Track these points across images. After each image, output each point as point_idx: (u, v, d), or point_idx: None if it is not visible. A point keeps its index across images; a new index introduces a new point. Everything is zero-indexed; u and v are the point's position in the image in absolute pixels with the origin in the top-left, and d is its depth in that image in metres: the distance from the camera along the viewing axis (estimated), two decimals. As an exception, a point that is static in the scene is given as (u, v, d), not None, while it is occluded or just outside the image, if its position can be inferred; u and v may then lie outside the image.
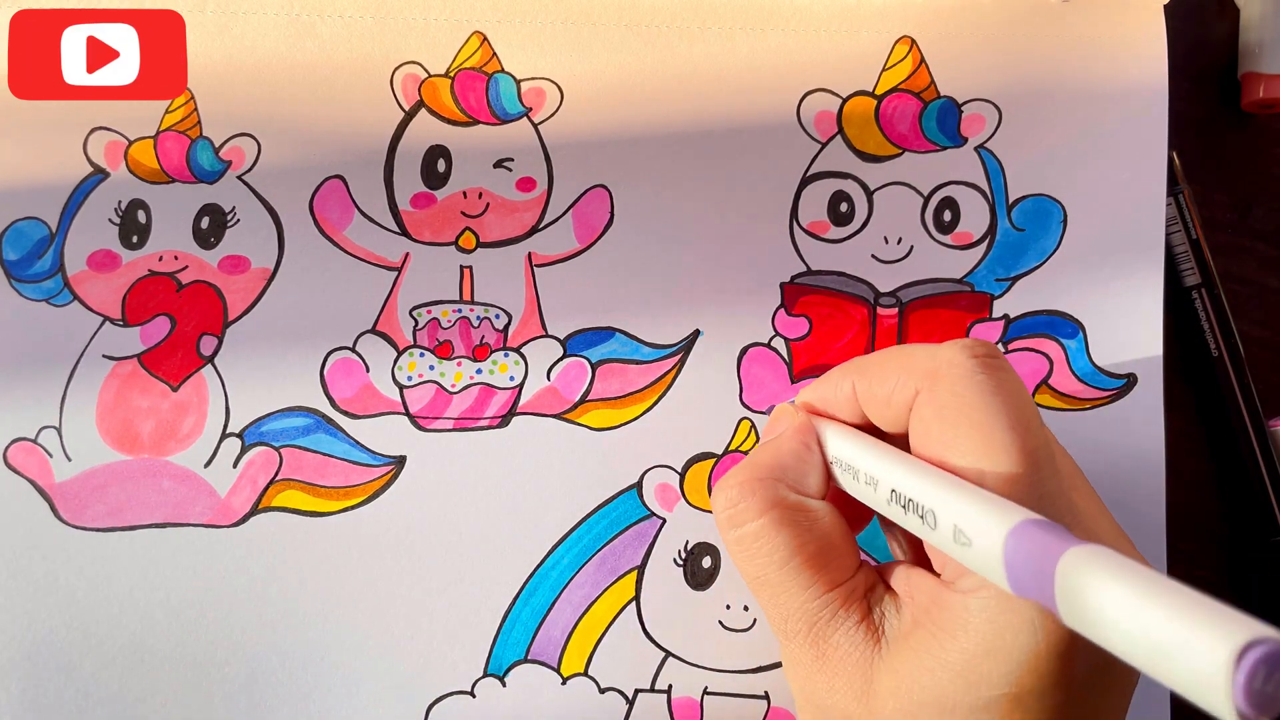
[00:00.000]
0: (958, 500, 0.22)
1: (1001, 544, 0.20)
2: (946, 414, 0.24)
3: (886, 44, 0.35)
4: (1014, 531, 0.20)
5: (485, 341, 0.34)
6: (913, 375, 0.26)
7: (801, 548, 0.26)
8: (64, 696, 0.32)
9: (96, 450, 0.33)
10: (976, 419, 0.24)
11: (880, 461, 0.25)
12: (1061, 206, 0.34)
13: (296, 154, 0.34)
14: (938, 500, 0.23)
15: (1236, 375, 0.35)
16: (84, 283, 0.34)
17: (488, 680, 0.32)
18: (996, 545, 0.21)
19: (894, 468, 0.25)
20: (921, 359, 0.26)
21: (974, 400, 0.24)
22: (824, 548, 0.26)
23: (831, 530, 0.27)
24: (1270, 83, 0.36)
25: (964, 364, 0.25)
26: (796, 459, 0.28)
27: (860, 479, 0.26)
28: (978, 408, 0.24)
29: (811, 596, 0.26)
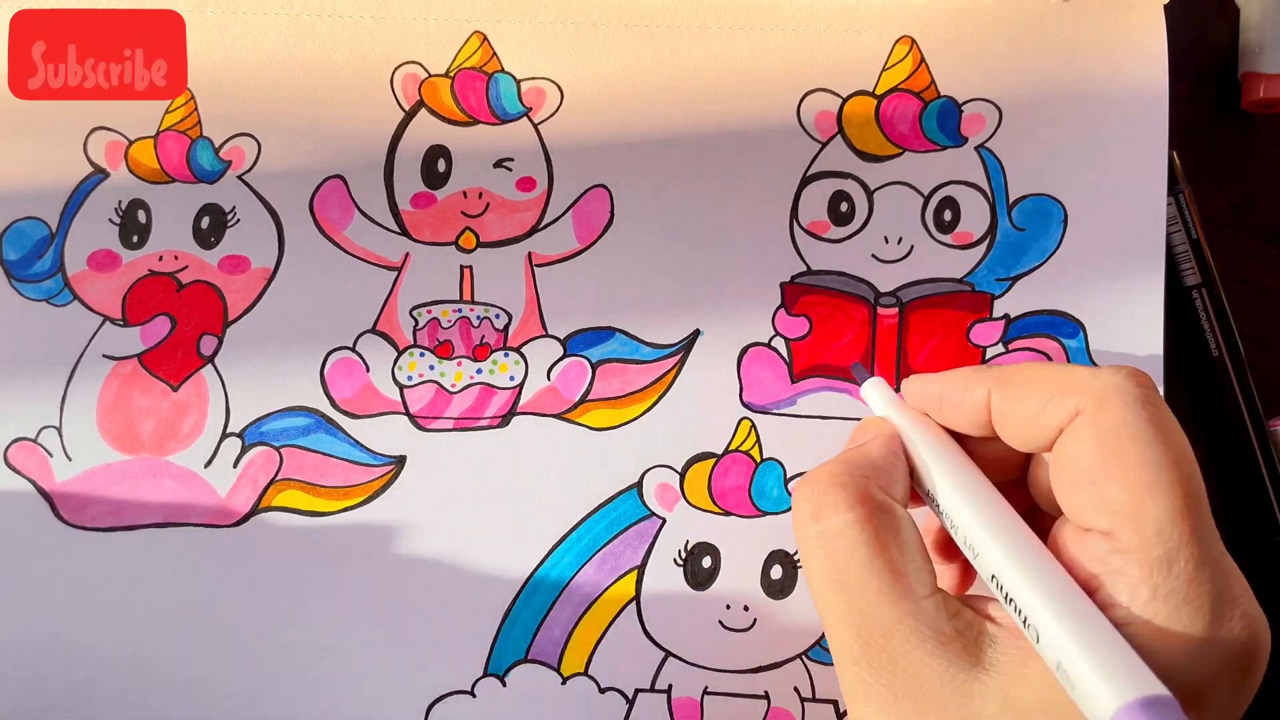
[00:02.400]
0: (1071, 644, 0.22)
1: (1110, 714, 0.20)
2: (1112, 440, 0.24)
3: (886, 44, 0.35)
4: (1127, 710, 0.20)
5: (485, 341, 0.34)
6: (1073, 394, 0.25)
7: (886, 549, 0.25)
8: (64, 697, 0.32)
9: (97, 450, 0.33)
10: (1144, 451, 0.23)
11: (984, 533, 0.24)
12: (1062, 206, 0.34)
13: (296, 154, 0.34)
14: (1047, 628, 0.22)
15: (1236, 375, 0.35)
16: (84, 282, 0.34)
17: (488, 680, 0.32)
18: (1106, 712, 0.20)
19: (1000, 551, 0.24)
20: (1085, 379, 0.25)
21: (1144, 431, 0.24)
22: (908, 556, 0.25)
23: (914, 541, 0.26)
24: (1270, 83, 0.36)
25: (1133, 392, 0.24)
26: (886, 461, 0.27)
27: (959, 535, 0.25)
28: (1147, 440, 0.23)
29: (893, 602, 0.24)
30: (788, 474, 0.33)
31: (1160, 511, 0.23)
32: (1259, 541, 0.34)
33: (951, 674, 0.24)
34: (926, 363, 0.34)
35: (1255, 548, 0.35)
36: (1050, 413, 0.25)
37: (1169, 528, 0.23)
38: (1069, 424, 0.25)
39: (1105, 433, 0.24)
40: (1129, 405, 0.24)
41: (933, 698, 0.24)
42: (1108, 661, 0.21)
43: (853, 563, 0.25)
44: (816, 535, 0.26)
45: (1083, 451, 0.24)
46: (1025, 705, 0.23)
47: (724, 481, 0.33)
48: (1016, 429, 0.26)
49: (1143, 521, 0.23)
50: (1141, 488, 0.23)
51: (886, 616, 0.24)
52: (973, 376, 0.27)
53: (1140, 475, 0.23)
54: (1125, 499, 0.23)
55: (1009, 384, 0.26)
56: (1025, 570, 0.24)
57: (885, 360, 0.34)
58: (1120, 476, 0.23)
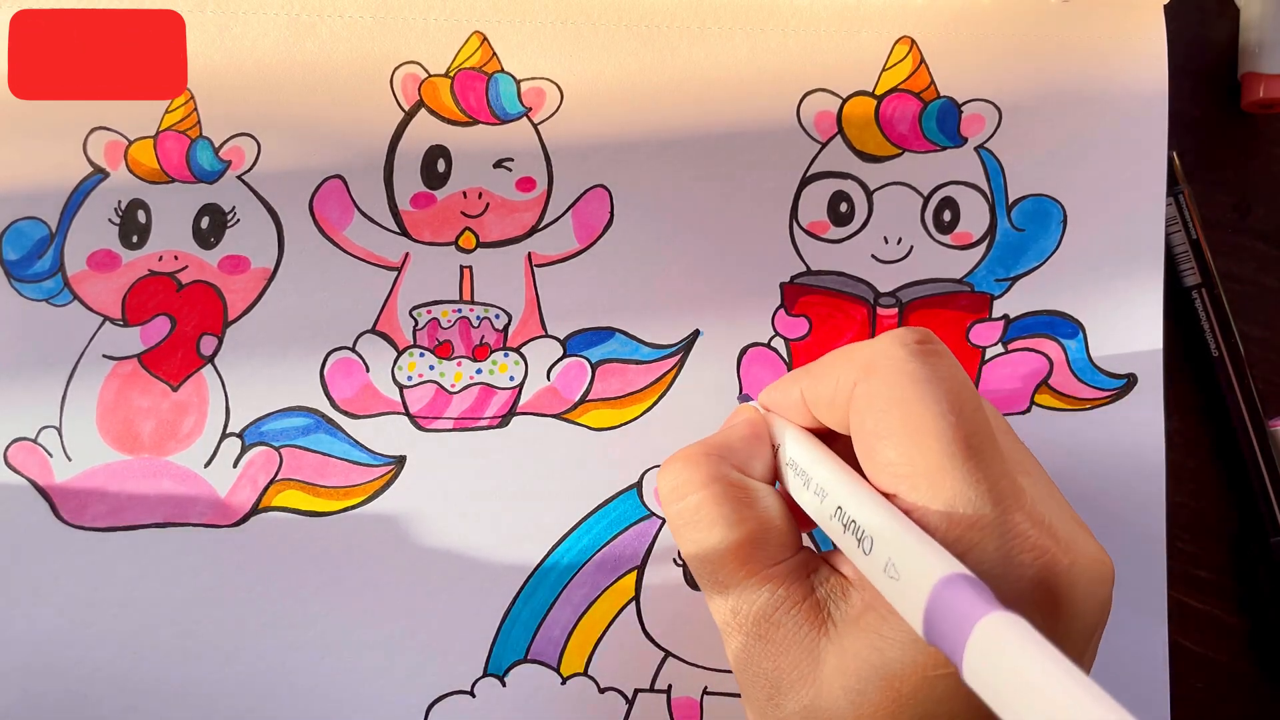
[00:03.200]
0: (898, 535, 0.22)
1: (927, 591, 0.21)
2: (878, 404, 0.24)
3: (886, 44, 0.35)
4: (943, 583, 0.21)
5: (485, 341, 0.34)
6: (849, 371, 0.26)
7: (741, 522, 0.26)
8: (63, 696, 0.32)
9: (96, 450, 0.33)
10: (909, 408, 0.24)
11: (834, 476, 0.25)
12: (1061, 206, 0.34)
13: (296, 154, 0.34)
14: (879, 530, 0.23)
15: (1236, 375, 0.35)
16: (84, 282, 0.34)
17: (488, 680, 0.32)
18: (922, 591, 0.21)
19: (845, 486, 0.25)
20: (858, 354, 0.26)
21: (906, 389, 0.24)
22: (765, 526, 0.26)
23: (773, 511, 0.27)
24: (1270, 83, 0.36)
25: (896, 354, 0.25)
26: (744, 443, 0.28)
27: (810, 488, 0.26)
28: (909, 397, 0.24)
29: (751, 571, 0.26)
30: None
31: (930, 463, 0.23)
32: (1259, 541, 0.34)
33: (803, 632, 0.25)
34: (926, 363, 0.34)
35: (1255, 548, 0.35)
36: (840, 393, 0.26)
37: (941, 477, 0.23)
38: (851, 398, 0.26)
39: (872, 399, 0.25)
40: (892, 366, 0.25)
41: (787, 655, 0.25)
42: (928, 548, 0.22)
43: (710, 537, 0.26)
44: (677, 513, 0.27)
45: (861, 419, 0.25)
46: (856, 654, 0.24)
47: (724, 481, 0.33)
48: (827, 417, 0.27)
49: (917, 479, 0.23)
50: (910, 444, 0.23)
51: (745, 584, 0.26)
52: (790, 377, 0.29)
53: (906, 431, 0.24)
54: (898, 458, 0.24)
55: (813, 375, 0.27)
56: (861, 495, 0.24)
57: (885, 360, 0.34)
58: (890, 437, 0.24)
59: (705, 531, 0.26)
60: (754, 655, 0.26)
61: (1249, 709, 0.35)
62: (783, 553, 0.26)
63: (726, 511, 0.26)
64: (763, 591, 0.26)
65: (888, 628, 0.23)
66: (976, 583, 0.20)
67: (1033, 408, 0.34)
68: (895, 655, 0.23)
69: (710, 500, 0.26)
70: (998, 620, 0.19)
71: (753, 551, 0.26)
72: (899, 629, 0.23)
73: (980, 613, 0.19)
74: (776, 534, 0.26)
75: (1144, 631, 0.33)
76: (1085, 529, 0.25)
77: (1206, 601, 0.35)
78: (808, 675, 0.25)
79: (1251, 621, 0.35)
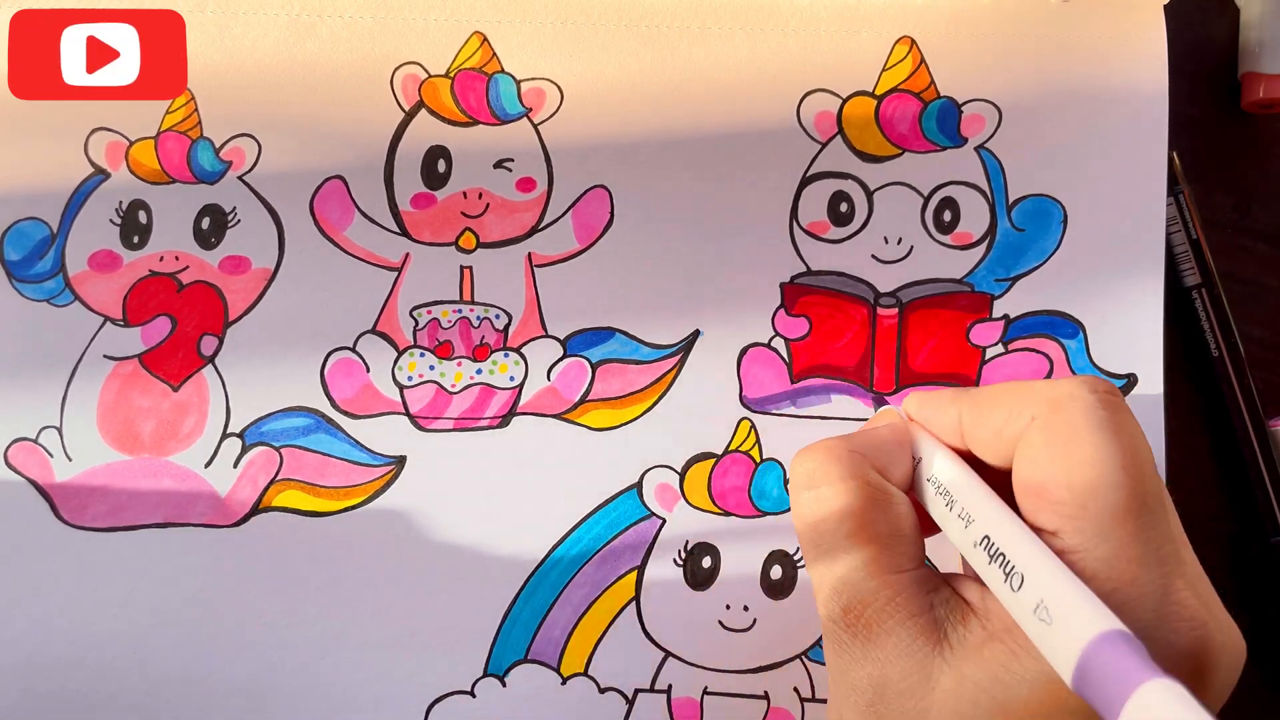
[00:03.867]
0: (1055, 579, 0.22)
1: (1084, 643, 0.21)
2: (1058, 443, 0.24)
3: (886, 44, 0.35)
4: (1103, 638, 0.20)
5: (485, 342, 0.34)
6: (1029, 405, 0.25)
7: (870, 524, 0.26)
8: (64, 696, 0.32)
9: (97, 450, 0.33)
10: (1090, 453, 0.24)
11: (986, 505, 0.25)
12: (1061, 206, 0.34)
13: (297, 154, 0.34)
14: (1034, 570, 0.23)
15: (1236, 375, 0.35)
16: (85, 283, 0.34)
17: (488, 680, 0.32)
18: (1078, 641, 0.21)
19: (998, 517, 0.24)
20: (1041, 389, 0.26)
21: (1090, 435, 0.24)
22: (894, 532, 0.26)
23: (905, 519, 0.26)
24: (1270, 83, 0.36)
25: (1084, 398, 0.25)
26: (887, 448, 0.28)
27: (955, 510, 0.26)
28: (1093, 443, 0.24)
29: (872, 574, 0.26)
30: (788, 474, 0.33)
31: (1103, 511, 0.23)
32: (1259, 541, 0.34)
33: (917, 645, 0.25)
34: (926, 363, 0.34)
35: (1255, 548, 0.35)
36: (1011, 425, 0.26)
37: (1111, 527, 0.23)
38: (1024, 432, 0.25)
39: (1053, 435, 0.24)
40: (1080, 410, 0.24)
41: (896, 665, 0.25)
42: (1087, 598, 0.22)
43: (839, 531, 0.26)
44: (808, 501, 0.27)
45: (1034, 454, 0.25)
46: (976, 683, 0.24)
47: (724, 482, 0.33)
48: (985, 444, 0.27)
49: (1084, 521, 0.23)
50: (1085, 489, 0.23)
51: (864, 585, 0.26)
52: (949, 397, 0.28)
53: (1084, 476, 0.24)
54: (1069, 499, 0.24)
55: (978, 402, 0.27)
56: (1016, 530, 0.24)
57: (885, 360, 0.34)
58: (1064, 478, 0.24)
59: (835, 525, 0.26)
60: (859, 659, 0.25)
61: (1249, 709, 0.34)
62: (908, 563, 0.26)
63: (861, 510, 0.26)
64: (881, 594, 0.25)
65: (1017, 665, 0.23)
66: (1137, 643, 0.20)
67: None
68: (1021, 694, 0.23)
69: (846, 495, 0.26)
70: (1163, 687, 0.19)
71: (879, 555, 0.26)
72: (1029, 669, 0.23)
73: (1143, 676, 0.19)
74: (905, 543, 0.26)
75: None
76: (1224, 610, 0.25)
77: (1207, 601, 0.35)
78: (917, 690, 0.24)
79: (1251, 621, 0.35)
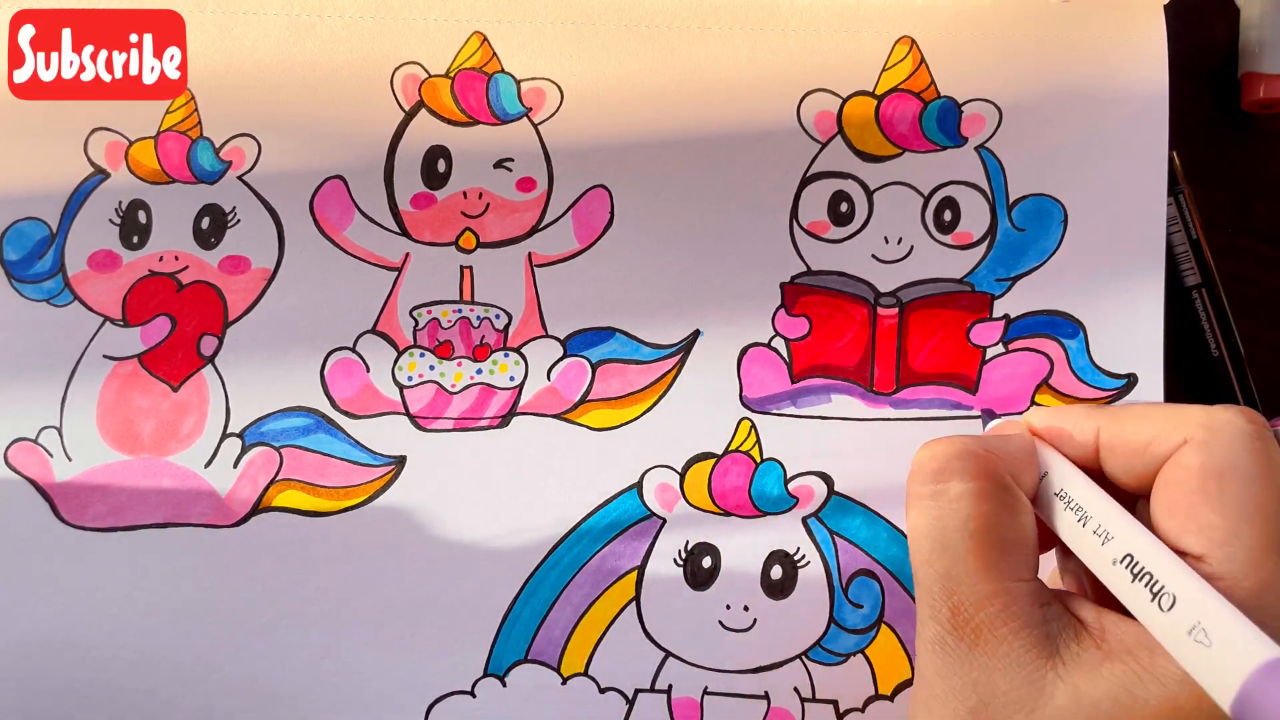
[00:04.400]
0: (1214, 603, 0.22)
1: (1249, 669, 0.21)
2: (1214, 465, 0.24)
3: (886, 44, 0.35)
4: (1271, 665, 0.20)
5: (485, 342, 0.34)
6: (1183, 426, 0.25)
7: (996, 527, 0.26)
8: (63, 696, 0.32)
9: (97, 450, 0.33)
10: (1249, 480, 0.24)
11: (1127, 523, 0.25)
12: (1062, 206, 0.34)
13: (297, 154, 0.34)
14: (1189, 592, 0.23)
15: (1236, 375, 0.35)
16: (85, 283, 0.34)
17: (488, 680, 0.32)
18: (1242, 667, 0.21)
19: (1139, 534, 0.24)
20: (1195, 413, 0.26)
21: (1249, 463, 0.24)
22: (1017, 540, 0.26)
23: (1028, 529, 0.26)
24: (1270, 83, 0.36)
25: (1243, 427, 0.25)
26: (1021, 454, 0.28)
27: (1089, 526, 0.26)
28: (1252, 471, 0.24)
29: (990, 578, 0.25)
30: (788, 474, 0.33)
31: (1255, 541, 0.23)
32: (1259, 541, 0.34)
33: (1030, 657, 0.24)
34: (926, 363, 0.34)
35: (1255, 548, 0.35)
36: (1160, 443, 0.26)
37: (1263, 558, 0.23)
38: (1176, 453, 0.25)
39: (1209, 459, 0.24)
40: (1237, 437, 0.25)
41: (1006, 674, 0.24)
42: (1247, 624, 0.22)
43: (963, 530, 0.26)
44: (933, 494, 0.26)
45: (1185, 476, 0.25)
46: (1094, 701, 0.24)
47: (724, 481, 0.33)
48: (1125, 459, 0.27)
49: (1236, 549, 0.23)
50: (1240, 516, 0.24)
51: (980, 589, 0.25)
52: (1084, 412, 0.28)
53: (1240, 504, 0.24)
54: (1222, 525, 0.24)
55: (1120, 419, 0.27)
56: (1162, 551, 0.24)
57: (885, 360, 0.34)
58: (1219, 503, 0.24)
59: (960, 523, 0.26)
60: (964, 663, 0.25)
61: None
62: (1025, 573, 0.26)
63: (989, 511, 0.26)
64: (996, 602, 0.25)
65: (1140, 687, 0.23)
66: None
67: (1033, 408, 0.34)
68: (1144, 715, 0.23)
69: (975, 495, 0.26)
70: None
71: (999, 560, 0.25)
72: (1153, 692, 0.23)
73: None
74: (1026, 552, 0.26)
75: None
76: None
77: (1207, 601, 0.35)
78: (1027, 701, 0.24)
79: (1252, 621, 0.35)
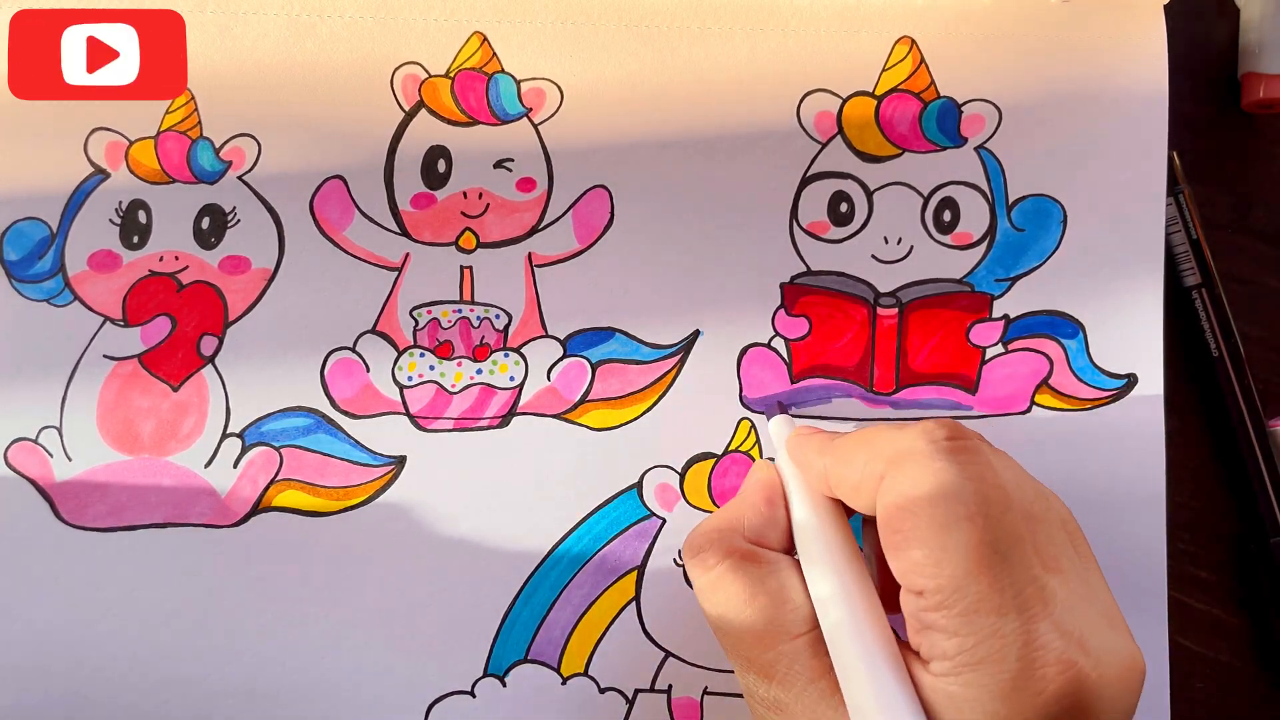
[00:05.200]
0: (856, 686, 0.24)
1: None
2: (903, 501, 0.24)
3: (886, 44, 0.35)
4: None
5: (485, 342, 0.34)
6: (877, 460, 0.26)
7: (755, 596, 0.26)
8: (64, 696, 0.32)
9: (97, 450, 0.33)
10: (933, 508, 0.24)
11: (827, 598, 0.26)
12: (1061, 206, 0.34)
13: (297, 154, 0.34)
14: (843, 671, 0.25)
15: (1236, 375, 0.35)
16: (85, 283, 0.34)
17: (488, 680, 0.32)
18: None
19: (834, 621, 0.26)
20: (885, 445, 0.26)
21: (931, 490, 0.24)
22: (779, 601, 0.27)
23: (788, 585, 0.27)
24: (1270, 83, 0.36)
25: (923, 450, 0.25)
26: (756, 512, 0.29)
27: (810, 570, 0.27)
28: (934, 496, 0.24)
29: (767, 645, 0.26)
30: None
31: (955, 568, 0.23)
32: (1259, 541, 0.34)
33: (822, 708, 0.25)
34: (926, 363, 0.34)
35: (1255, 548, 0.35)
36: (867, 481, 0.26)
37: (966, 582, 0.23)
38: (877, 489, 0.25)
39: (898, 495, 0.25)
40: (919, 463, 0.25)
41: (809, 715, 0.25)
42: None
43: (729, 608, 0.27)
44: (699, 589, 0.28)
45: (885, 515, 0.25)
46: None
47: (724, 482, 0.33)
48: (849, 496, 0.27)
49: (941, 579, 0.23)
50: (935, 545, 0.24)
51: (764, 656, 0.26)
52: (818, 446, 0.28)
53: (930, 532, 0.24)
54: (922, 559, 0.24)
55: (839, 455, 0.27)
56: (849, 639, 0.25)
57: (885, 360, 0.34)
58: (914, 537, 0.24)
59: (724, 604, 0.27)
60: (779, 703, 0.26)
61: (1249, 709, 0.35)
62: (799, 627, 0.26)
63: (742, 584, 0.27)
64: (780, 664, 0.26)
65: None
66: None
67: (1033, 408, 0.34)
68: None
69: (726, 574, 0.27)
70: None
71: (767, 628, 0.26)
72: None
73: None
74: (792, 608, 0.27)
75: (1144, 631, 0.33)
76: (1121, 629, 0.25)
77: (1206, 601, 0.35)
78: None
79: (1251, 621, 0.35)
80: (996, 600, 0.23)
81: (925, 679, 0.24)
